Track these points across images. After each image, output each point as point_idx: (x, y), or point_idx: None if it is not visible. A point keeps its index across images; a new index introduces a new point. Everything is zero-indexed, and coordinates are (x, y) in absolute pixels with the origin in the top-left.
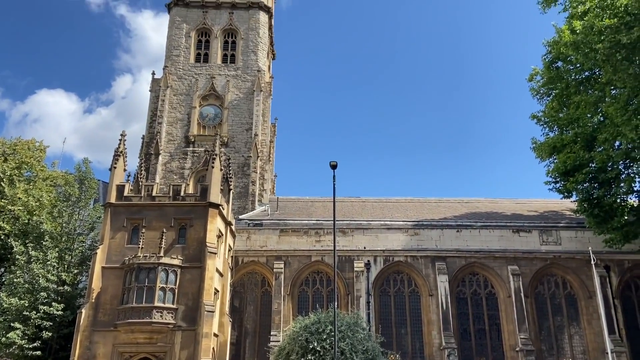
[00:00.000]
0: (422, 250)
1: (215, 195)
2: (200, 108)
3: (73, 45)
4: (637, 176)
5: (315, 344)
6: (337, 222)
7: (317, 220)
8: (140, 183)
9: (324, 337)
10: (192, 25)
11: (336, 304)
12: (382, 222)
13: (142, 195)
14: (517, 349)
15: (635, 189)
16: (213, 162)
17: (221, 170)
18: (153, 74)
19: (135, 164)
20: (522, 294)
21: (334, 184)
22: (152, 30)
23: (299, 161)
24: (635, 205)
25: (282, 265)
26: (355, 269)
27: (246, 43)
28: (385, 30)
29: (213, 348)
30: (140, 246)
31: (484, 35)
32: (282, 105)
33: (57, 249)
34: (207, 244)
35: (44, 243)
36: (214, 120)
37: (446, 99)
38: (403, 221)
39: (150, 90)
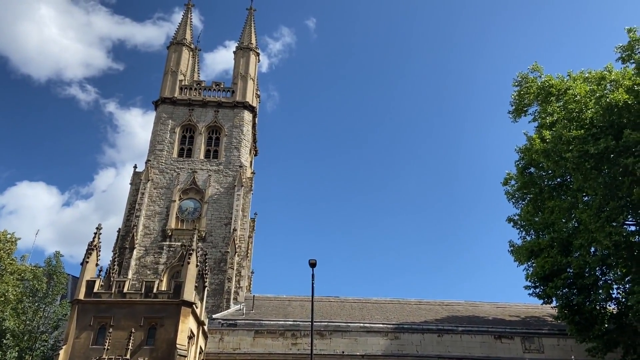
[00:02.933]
0: (403, 356)
1: (189, 293)
2: (180, 202)
3: (59, 139)
4: (614, 283)
5: None
6: (315, 323)
7: (294, 321)
8: (112, 278)
9: None
10: (178, 121)
11: None
12: (362, 325)
13: (113, 291)
14: None
15: (613, 296)
16: (189, 258)
17: (197, 266)
18: (135, 167)
19: (109, 258)
20: None
21: (312, 283)
22: (140, 126)
23: (277, 258)
24: (614, 313)
25: None
26: None
27: (230, 139)
28: (366, 131)
29: None
30: (105, 347)
31: (459, 138)
32: (262, 202)
33: (17, 348)
34: (177, 346)
35: (4, 341)
36: (192, 214)
37: (426, 201)
38: (383, 324)
39: (130, 183)
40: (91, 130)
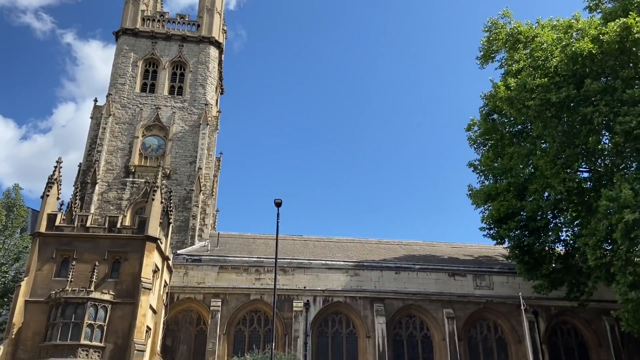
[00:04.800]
0: (362, 291)
1: (153, 229)
2: (143, 138)
3: (15, 70)
4: (564, 226)
5: None
6: (278, 260)
7: (258, 257)
8: (74, 213)
9: None
10: (140, 54)
11: (274, 344)
12: (324, 262)
13: (75, 225)
14: None
15: (562, 238)
16: (154, 194)
17: (162, 202)
18: (95, 100)
19: (70, 193)
20: (455, 338)
21: (277, 222)
22: (100, 60)
23: (242, 198)
24: (562, 254)
25: (220, 303)
26: (294, 308)
27: (195, 76)
28: (332, 74)
29: None
30: (69, 279)
31: (428, 84)
32: (227, 140)
33: None
34: (142, 279)
35: None
36: (156, 151)
37: (390, 144)
38: (344, 261)
39: (91, 117)
40: (49, 62)
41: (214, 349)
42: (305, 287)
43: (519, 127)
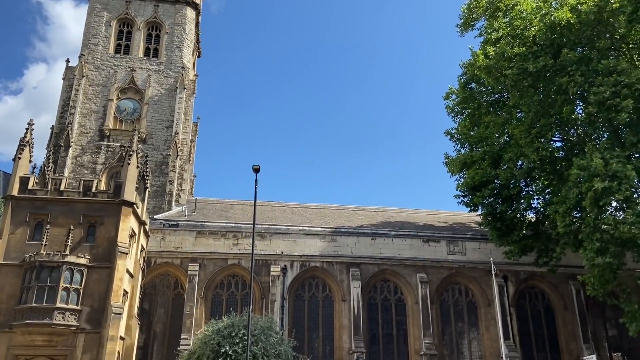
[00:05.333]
0: (338, 256)
1: (130, 193)
2: (118, 101)
3: None
4: (535, 194)
5: (227, 348)
6: (256, 225)
7: (235, 223)
8: (47, 176)
9: (237, 341)
10: (114, 14)
11: (251, 307)
12: (301, 228)
13: (49, 189)
14: (422, 353)
15: (533, 205)
16: (129, 159)
17: (137, 167)
18: (67, 61)
19: (43, 156)
20: (428, 301)
21: (255, 188)
22: (73, 20)
23: (219, 163)
24: (532, 221)
25: (197, 268)
26: (271, 273)
27: (171, 38)
28: (312, 39)
29: (118, 352)
30: (43, 243)
31: (409, 51)
32: (205, 105)
33: None
34: (119, 243)
35: None
36: (132, 115)
37: (368, 110)
38: (321, 227)
39: (63, 79)
40: (18, 21)
41: (192, 312)
42: (282, 253)
43: (496, 96)
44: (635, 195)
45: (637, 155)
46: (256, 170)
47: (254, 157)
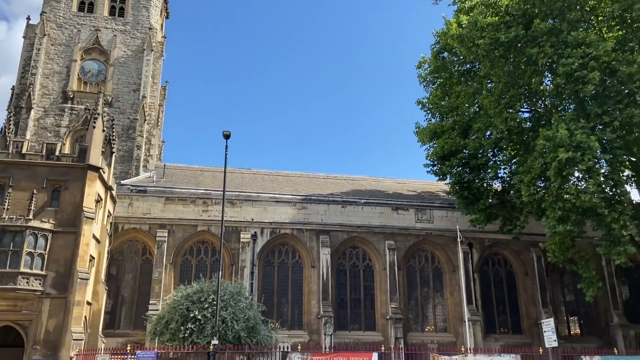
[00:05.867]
0: (309, 223)
1: (95, 158)
2: (82, 62)
3: None
4: (502, 164)
5: (197, 313)
6: (226, 192)
7: (205, 189)
8: (8, 138)
9: (206, 306)
10: None
11: (220, 273)
12: (272, 195)
13: (10, 151)
14: (388, 317)
15: (499, 175)
16: (95, 122)
17: (103, 131)
18: (28, 19)
19: (3, 118)
20: (395, 267)
21: (225, 154)
22: None
23: (189, 129)
24: (498, 190)
25: (166, 234)
26: (241, 239)
27: None
28: (284, 3)
29: (85, 316)
30: (5, 207)
31: (380, 19)
32: (173, 69)
33: None
34: (84, 208)
35: None
36: (97, 76)
37: (341, 79)
38: (292, 195)
39: (24, 37)
40: None
41: (160, 277)
42: (253, 220)
43: (468, 66)
44: (597, 166)
45: (600, 127)
46: (226, 136)
47: (224, 123)
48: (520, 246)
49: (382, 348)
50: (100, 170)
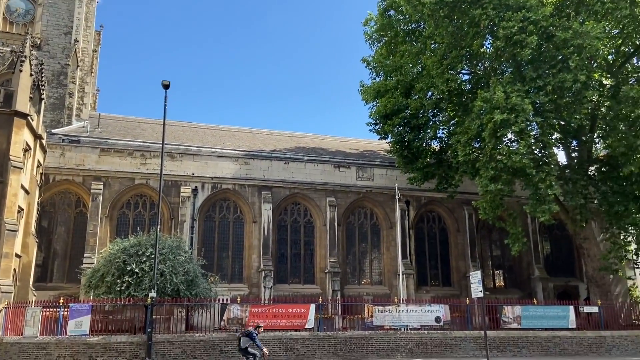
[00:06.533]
0: (251, 179)
1: (23, 104)
2: (8, 0)
3: None
4: (441, 124)
5: (134, 266)
6: (166, 145)
7: (143, 142)
8: None
9: (144, 259)
10: None
11: (159, 227)
12: (213, 150)
13: None
14: (326, 271)
15: (438, 135)
16: (22, 65)
17: (31, 75)
18: None
19: None
20: (335, 223)
21: (165, 105)
22: None
23: (126, 78)
24: (436, 150)
25: (101, 187)
26: (181, 194)
27: None
28: None
29: (14, 269)
30: None
31: None
32: (109, 13)
33: None
34: (11, 157)
35: None
36: (24, 17)
37: (286, 33)
38: (234, 150)
39: None
40: None
41: (95, 230)
42: (193, 174)
43: (413, 25)
44: (529, 128)
45: (534, 91)
46: (166, 86)
47: (164, 74)
48: (454, 204)
49: (320, 300)
50: (29, 117)
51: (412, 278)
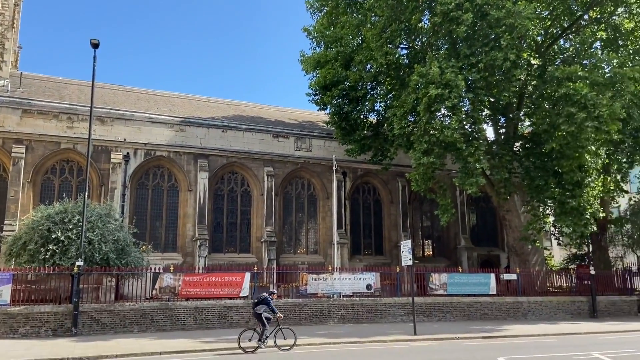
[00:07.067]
0: (187, 147)
1: None
2: None
3: None
4: (379, 98)
5: (59, 234)
6: (95, 109)
7: (70, 104)
8: None
9: (70, 227)
10: None
11: (87, 194)
12: (147, 115)
13: None
14: (263, 240)
15: (376, 108)
16: None
17: None
18: None
19: None
20: (273, 193)
21: (94, 65)
22: None
23: (51, 36)
24: (373, 123)
25: (23, 150)
26: (112, 160)
27: None
28: None
29: None
30: None
31: None
32: None
33: None
34: None
35: None
36: None
37: (225, 2)
38: (169, 116)
39: None
40: None
41: (17, 197)
42: (125, 140)
43: None
44: (461, 104)
45: (468, 67)
46: (95, 45)
47: (93, 32)
48: (388, 176)
49: (255, 268)
50: None
51: (347, 247)
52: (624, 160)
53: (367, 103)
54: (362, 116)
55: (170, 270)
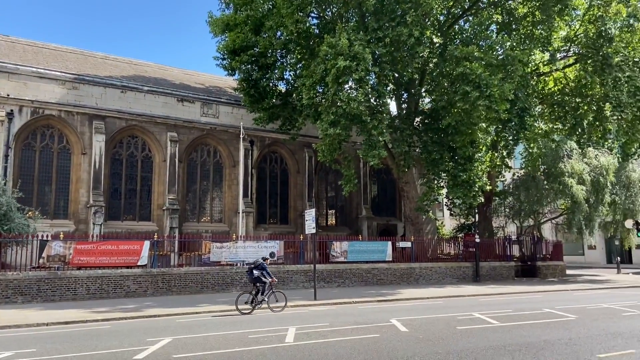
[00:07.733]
0: (80, 106)
1: None
2: None
3: None
4: (288, 66)
5: None
6: None
7: None
8: None
9: None
10: None
11: None
12: (35, 69)
13: None
14: (164, 208)
15: (285, 77)
16: None
17: None
18: None
19: None
20: (176, 159)
21: None
22: None
23: None
24: (282, 92)
25: None
26: None
27: None
28: None
29: None
30: None
31: None
32: None
33: None
34: None
35: None
36: None
37: None
38: (61, 72)
39: None
40: None
41: None
42: (9, 95)
43: None
44: (367, 77)
45: (375, 41)
46: None
47: None
48: (295, 146)
49: (156, 237)
50: None
51: (252, 216)
52: (510, 138)
53: (276, 71)
54: (271, 84)
55: (60, 237)
